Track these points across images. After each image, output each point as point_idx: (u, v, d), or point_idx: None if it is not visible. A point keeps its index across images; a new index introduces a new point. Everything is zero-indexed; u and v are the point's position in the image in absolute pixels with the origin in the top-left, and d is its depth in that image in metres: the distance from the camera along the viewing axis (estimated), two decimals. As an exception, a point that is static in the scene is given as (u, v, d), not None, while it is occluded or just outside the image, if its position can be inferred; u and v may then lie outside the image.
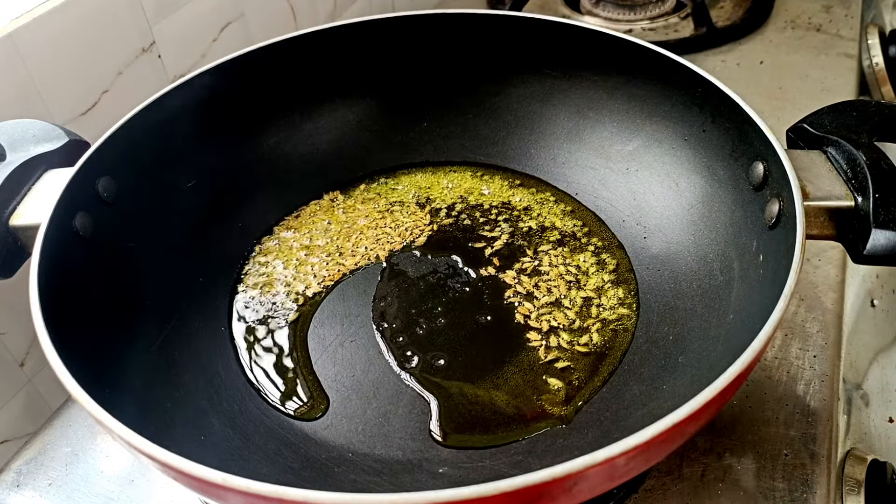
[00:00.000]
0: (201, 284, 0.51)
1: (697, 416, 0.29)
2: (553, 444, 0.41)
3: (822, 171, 0.41)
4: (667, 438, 0.29)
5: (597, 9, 0.92)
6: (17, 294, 0.43)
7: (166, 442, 0.30)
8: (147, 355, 0.44)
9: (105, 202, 0.45)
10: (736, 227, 0.45)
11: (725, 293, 0.44)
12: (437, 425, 0.43)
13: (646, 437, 0.28)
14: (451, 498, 0.26)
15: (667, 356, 0.44)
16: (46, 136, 0.46)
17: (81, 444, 0.48)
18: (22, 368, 0.53)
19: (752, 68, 0.81)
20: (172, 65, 0.61)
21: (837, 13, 0.90)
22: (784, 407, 0.46)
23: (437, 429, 0.43)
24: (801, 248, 0.35)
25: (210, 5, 0.64)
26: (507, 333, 0.48)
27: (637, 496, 0.43)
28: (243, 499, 0.28)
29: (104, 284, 0.43)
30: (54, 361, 0.33)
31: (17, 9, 0.49)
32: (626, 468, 0.30)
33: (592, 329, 0.48)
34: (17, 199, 0.43)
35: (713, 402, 0.30)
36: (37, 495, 0.45)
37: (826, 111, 0.45)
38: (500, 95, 0.60)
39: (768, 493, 0.42)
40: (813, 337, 0.51)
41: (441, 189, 0.59)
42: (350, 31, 0.56)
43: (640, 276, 0.51)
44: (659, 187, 0.53)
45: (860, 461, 0.46)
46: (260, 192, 0.57)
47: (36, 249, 0.38)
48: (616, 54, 0.53)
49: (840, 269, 0.56)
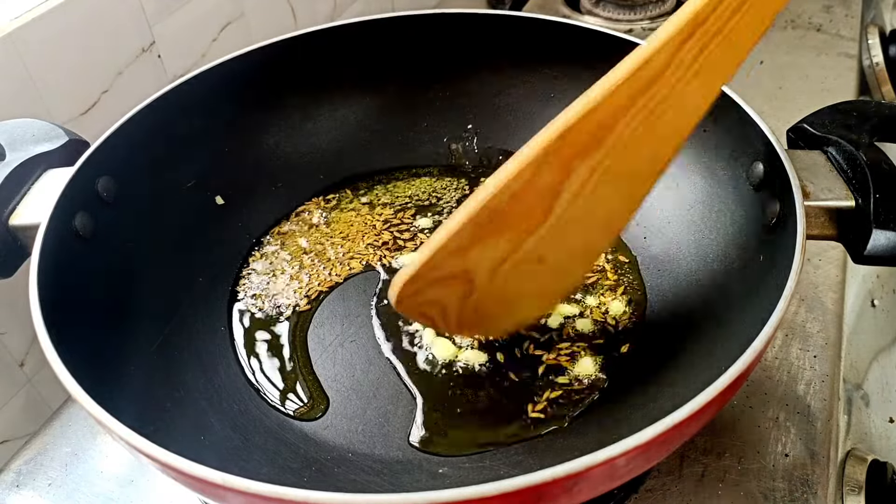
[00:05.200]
0: (201, 284, 0.51)
1: (698, 417, 0.29)
2: (553, 444, 0.41)
3: (822, 171, 0.41)
4: (667, 439, 0.29)
5: (597, 8, 0.92)
6: (16, 294, 0.43)
7: (166, 442, 0.30)
8: (147, 355, 0.44)
9: (105, 202, 0.45)
10: (736, 227, 0.45)
11: (725, 293, 0.44)
12: (437, 425, 0.43)
13: (646, 437, 0.28)
14: (451, 498, 0.26)
15: (667, 356, 0.44)
16: (46, 135, 0.46)
17: (81, 444, 0.48)
18: (22, 368, 0.53)
19: (753, 68, 0.81)
20: (172, 65, 0.61)
21: (838, 13, 0.90)
22: (784, 407, 0.46)
23: (436, 429, 0.43)
24: (801, 249, 0.35)
25: (210, 5, 0.64)
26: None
27: (637, 496, 0.43)
28: (243, 499, 0.28)
29: (104, 284, 0.43)
30: (54, 361, 0.33)
31: (17, 9, 0.49)
32: (626, 468, 0.30)
33: (592, 329, 0.48)
34: (16, 199, 0.43)
35: (713, 402, 0.30)
36: (36, 495, 0.45)
37: (826, 111, 0.45)
38: (500, 95, 0.59)
39: (769, 493, 0.42)
40: (813, 337, 0.51)
41: (442, 189, 0.59)
42: (350, 30, 0.56)
43: (641, 277, 0.50)
44: (659, 187, 0.52)
45: (860, 461, 0.46)
46: (260, 192, 0.56)
47: (36, 249, 0.38)
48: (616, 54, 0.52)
49: (840, 269, 0.56)
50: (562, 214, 0.35)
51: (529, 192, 0.34)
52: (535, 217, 0.35)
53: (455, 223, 0.34)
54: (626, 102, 0.33)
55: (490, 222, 0.34)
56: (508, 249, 0.36)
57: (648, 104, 0.33)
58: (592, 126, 0.33)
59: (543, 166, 0.33)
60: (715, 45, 0.33)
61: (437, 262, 0.35)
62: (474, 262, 0.36)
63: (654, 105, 0.34)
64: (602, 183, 0.35)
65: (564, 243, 0.37)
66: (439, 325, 0.40)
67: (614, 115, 0.33)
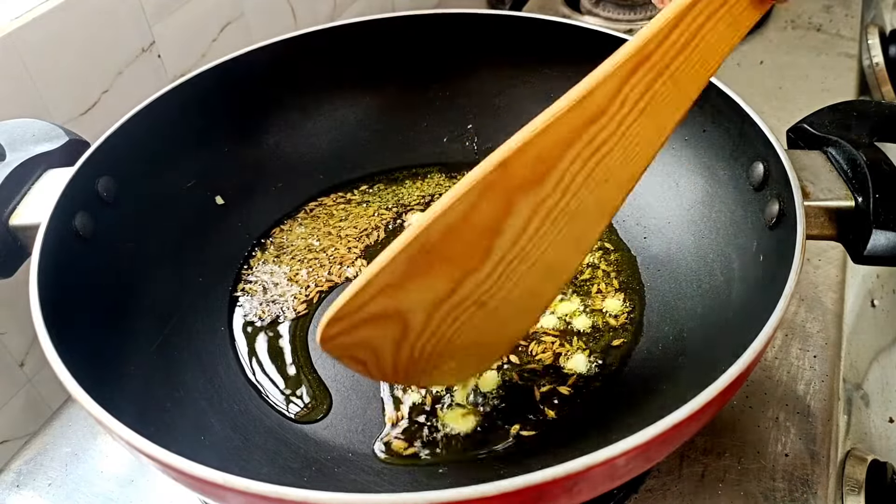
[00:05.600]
0: (201, 284, 0.51)
1: (698, 417, 0.29)
2: (553, 444, 0.41)
3: (822, 171, 0.41)
4: (667, 438, 0.29)
5: (597, 9, 0.92)
6: (16, 294, 0.43)
7: (166, 442, 0.30)
8: (147, 355, 0.44)
9: (105, 202, 0.45)
10: (736, 227, 0.45)
11: (725, 293, 0.44)
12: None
13: (646, 437, 0.28)
14: (451, 498, 0.26)
15: (667, 356, 0.44)
16: (46, 135, 0.46)
17: (81, 445, 0.48)
18: (22, 368, 0.53)
19: (752, 68, 0.81)
20: (172, 65, 0.61)
21: (838, 13, 0.90)
22: (784, 407, 0.46)
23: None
24: (801, 249, 0.35)
25: (210, 5, 0.64)
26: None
27: (637, 496, 0.43)
28: (243, 499, 0.28)
29: (104, 284, 0.43)
30: (54, 361, 0.33)
31: (17, 9, 0.49)
32: (626, 468, 0.30)
33: (592, 329, 0.48)
34: (16, 199, 0.43)
35: (713, 402, 0.30)
36: (36, 495, 0.45)
37: (826, 111, 0.45)
38: (500, 95, 0.59)
39: (768, 493, 0.42)
40: (813, 337, 0.51)
41: (442, 189, 0.59)
42: (350, 30, 0.56)
43: (641, 277, 0.50)
44: (659, 187, 0.53)
45: (860, 461, 0.46)
46: (260, 192, 0.56)
47: (36, 249, 0.38)
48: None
49: (840, 269, 0.56)
50: (503, 256, 0.34)
51: (467, 227, 0.32)
52: (473, 256, 0.33)
53: (385, 257, 0.32)
54: (568, 136, 0.32)
55: (424, 258, 0.32)
56: (445, 291, 0.34)
57: (594, 141, 0.32)
58: (533, 159, 0.32)
59: (482, 198, 0.32)
60: (662, 82, 0.32)
61: (366, 300, 0.32)
62: (407, 302, 0.33)
63: (601, 143, 0.33)
64: (546, 225, 0.34)
65: (507, 288, 0.35)
66: (373, 372, 0.36)
67: (557, 149, 0.32)
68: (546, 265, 0.35)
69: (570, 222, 0.34)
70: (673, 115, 0.34)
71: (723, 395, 0.30)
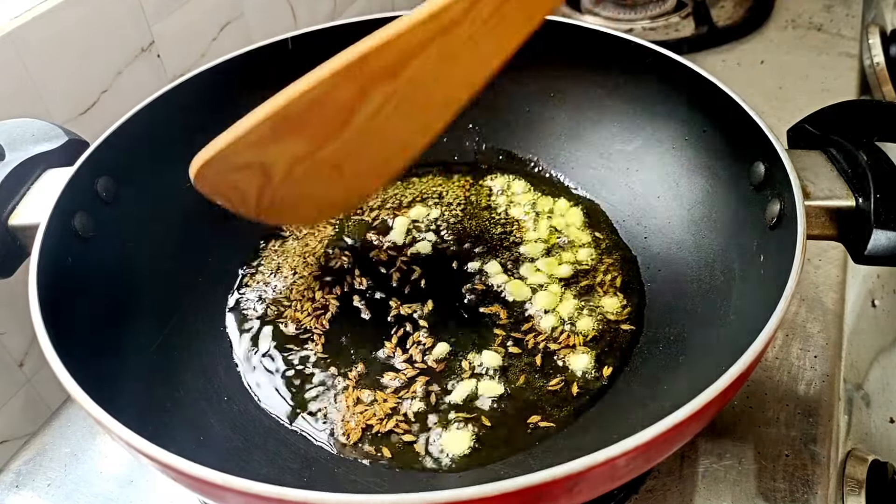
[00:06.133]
0: (201, 284, 0.50)
1: (698, 417, 0.29)
2: (553, 444, 0.41)
3: (823, 171, 0.41)
4: (668, 439, 0.29)
5: (597, 8, 0.92)
6: (16, 294, 0.42)
7: (166, 442, 0.29)
8: (147, 355, 0.44)
9: (104, 202, 0.45)
10: (737, 227, 0.45)
11: (726, 293, 0.44)
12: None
13: (646, 437, 0.28)
14: (450, 498, 0.26)
15: (667, 356, 0.44)
16: (46, 135, 0.46)
17: (80, 445, 0.48)
18: (21, 368, 0.52)
19: (753, 68, 0.81)
20: (172, 64, 0.61)
21: (838, 13, 0.90)
22: (785, 407, 0.46)
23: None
24: (802, 249, 0.35)
25: (210, 5, 0.64)
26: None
27: (637, 497, 0.43)
28: (243, 499, 0.28)
29: (104, 284, 0.43)
30: (54, 361, 0.33)
31: (17, 9, 0.49)
32: (626, 468, 0.30)
33: (593, 329, 0.47)
34: (16, 199, 0.43)
35: (714, 402, 0.30)
36: (36, 496, 0.45)
37: (827, 111, 0.45)
38: (500, 95, 0.59)
39: (769, 493, 0.42)
40: (814, 337, 0.51)
41: (443, 189, 0.59)
42: (350, 30, 0.56)
43: (641, 277, 0.50)
44: (659, 187, 0.52)
45: (861, 461, 0.46)
46: (260, 192, 0.56)
47: (35, 249, 0.38)
48: (617, 54, 0.52)
49: (841, 269, 0.56)
50: (358, 129, 0.40)
51: (327, 103, 0.38)
52: (331, 127, 0.39)
53: (256, 116, 0.38)
54: (422, 41, 0.37)
55: (289, 122, 0.38)
56: (306, 151, 0.40)
57: (443, 49, 0.37)
58: (390, 57, 0.37)
59: (342, 83, 0.37)
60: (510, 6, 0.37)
61: (237, 150, 0.39)
62: (272, 156, 0.40)
63: (449, 51, 0.37)
64: (397, 110, 0.39)
65: (360, 156, 0.42)
66: (238, 208, 0.43)
67: (410, 52, 0.37)
68: (395, 142, 0.43)
69: (418, 110, 0.41)
70: (518, 32, 0.39)
71: (723, 396, 0.30)
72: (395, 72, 0.38)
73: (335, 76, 0.37)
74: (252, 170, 0.40)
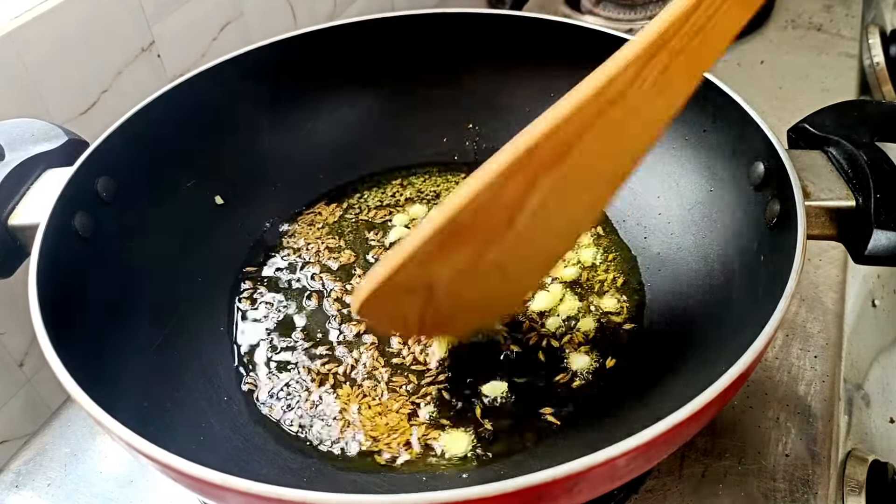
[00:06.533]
0: (201, 284, 0.50)
1: (698, 417, 0.29)
2: (553, 444, 0.41)
3: (823, 171, 0.41)
4: (667, 439, 0.29)
5: (597, 8, 0.92)
6: (16, 294, 0.42)
7: (165, 442, 0.29)
8: (147, 355, 0.44)
9: (104, 202, 0.45)
10: (737, 227, 0.45)
11: (726, 293, 0.44)
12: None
13: (646, 437, 0.28)
14: (451, 498, 0.26)
15: (667, 356, 0.44)
16: (46, 135, 0.46)
17: (80, 445, 0.48)
18: (21, 369, 0.53)
19: (753, 68, 0.81)
20: (172, 64, 0.61)
21: (838, 13, 0.90)
22: (785, 407, 0.46)
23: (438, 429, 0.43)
24: (802, 249, 0.35)
25: (209, 5, 0.64)
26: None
27: (637, 497, 0.43)
28: (243, 499, 0.28)
29: (104, 284, 0.43)
30: (54, 361, 0.33)
31: (17, 8, 0.49)
32: (626, 469, 0.30)
33: (593, 329, 0.47)
34: (16, 199, 0.43)
35: (714, 402, 0.30)
36: (36, 496, 0.45)
37: (827, 111, 0.45)
38: (500, 95, 0.59)
39: (769, 493, 0.42)
40: (814, 337, 0.51)
41: (443, 189, 0.59)
42: (350, 30, 0.56)
43: (641, 277, 0.50)
44: (659, 187, 0.52)
45: (861, 462, 0.46)
46: (260, 192, 0.56)
47: (35, 249, 0.38)
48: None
49: (841, 269, 0.56)
50: (525, 225, 0.36)
51: (494, 206, 0.34)
52: (498, 229, 0.35)
53: (420, 237, 0.34)
54: (590, 120, 0.34)
55: (454, 236, 0.34)
56: (470, 260, 0.36)
57: (611, 120, 0.34)
58: (558, 143, 0.34)
59: (509, 181, 0.34)
60: (677, 64, 0.34)
61: (399, 276, 0.35)
62: (435, 275, 0.36)
63: (617, 121, 0.34)
64: (564, 195, 0.36)
65: (525, 252, 0.38)
66: (400, 332, 0.42)
67: (578, 132, 0.34)
68: (562, 228, 0.39)
69: (585, 190, 0.37)
70: (684, 91, 0.36)
71: (723, 396, 0.30)
72: (563, 157, 0.34)
73: (504, 174, 0.33)
74: (415, 291, 0.36)
